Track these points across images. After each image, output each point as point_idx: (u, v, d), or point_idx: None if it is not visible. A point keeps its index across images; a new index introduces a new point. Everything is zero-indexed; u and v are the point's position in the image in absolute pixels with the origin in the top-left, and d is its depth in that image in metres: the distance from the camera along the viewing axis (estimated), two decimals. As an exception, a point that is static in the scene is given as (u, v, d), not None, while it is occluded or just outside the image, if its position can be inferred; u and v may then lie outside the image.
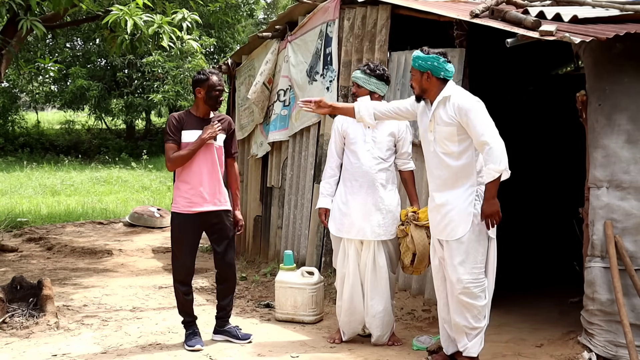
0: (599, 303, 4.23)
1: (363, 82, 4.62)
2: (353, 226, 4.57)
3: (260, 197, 7.38)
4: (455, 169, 4.00)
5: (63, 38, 21.31)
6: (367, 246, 4.57)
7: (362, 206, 4.56)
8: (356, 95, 4.68)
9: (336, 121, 4.79)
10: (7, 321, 4.86)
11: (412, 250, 4.46)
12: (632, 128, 4.21)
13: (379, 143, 4.60)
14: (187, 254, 4.56)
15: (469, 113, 3.90)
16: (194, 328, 4.62)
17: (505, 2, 5.16)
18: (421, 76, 4.06)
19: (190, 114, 4.58)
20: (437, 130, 4.02)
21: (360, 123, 4.57)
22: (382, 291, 4.57)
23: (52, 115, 28.97)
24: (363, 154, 4.59)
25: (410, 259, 4.50)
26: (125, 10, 6.01)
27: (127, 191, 14.67)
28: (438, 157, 4.05)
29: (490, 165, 3.83)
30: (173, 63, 18.27)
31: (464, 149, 3.99)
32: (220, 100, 4.57)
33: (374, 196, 4.56)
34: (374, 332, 4.63)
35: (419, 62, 4.04)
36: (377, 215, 4.55)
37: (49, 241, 8.72)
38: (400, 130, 4.67)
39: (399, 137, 4.67)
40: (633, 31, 4.00)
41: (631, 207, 4.19)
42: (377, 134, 4.61)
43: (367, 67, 4.64)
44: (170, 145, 4.50)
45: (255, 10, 21.27)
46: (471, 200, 4.00)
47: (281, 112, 6.83)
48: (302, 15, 6.61)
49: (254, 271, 6.87)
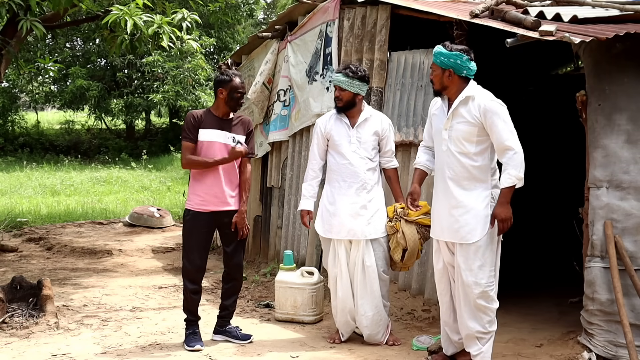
0: (599, 303, 4.23)
1: (347, 85, 4.58)
2: (343, 227, 4.58)
3: (260, 197, 7.39)
4: (471, 169, 3.92)
5: (63, 38, 21.34)
6: (357, 246, 4.58)
7: (350, 206, 4.57)
8: (340, 99, 4.62)
9: (318, 122, 4.80)
10: (7, 321, 4.86)
11: (403, 246, 4.46)
12: (632, 128, 4.21)
13: (364, 143, 4.61)
14: (198, 252, 4.54)
15: (494, 116, 3.83)
16: (194, 328, 4.61)
17: (505, 2, 5.17)
18: (442, 73, 3.94)
19: (210, 113, 4.57)
20: (454, 128, 3.93)
21: (344, 123, 4.62)
22: (371, 290, 4.57)
23: (52, 115, 28.97)
24: (350, 155, 4.60)
25: (400, 255, 4.50)
26: (125, 10, 6.01)
27: (127, 191, 14.67)
28: (452, 156, 3.96)
29: (511, 171, 3.77)
30: (173, 63, 18.28)
31: (481, 151, 3.92)
32: (241, 102, 4.60)
33: (362, 196, 4.58)
34: (363, 331, 4.65)
35: (441, 58, 3.92)
36: (366, 214, 4.56)
37: (49, 241, 8.72)
38: (384, 128, 4.68)
39: (383, 136, 4.68)
40: (633, 31, 4.00)
41: (631, 207, 4.19)
42: (361, 134, 4.62)
43: (349, 70, 4.60)
44: (187, 144, 4.50)
45: (255, 10, 21.27)
46: (487, 203, 3.93)
47: (281, 112, 6.83)
48: (302, 15, 6.61)
49: (254, 271, 6.87)
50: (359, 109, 4.66)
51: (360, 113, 4.66)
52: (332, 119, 4.72)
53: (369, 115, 4.67)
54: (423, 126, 5.38)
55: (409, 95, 5.56)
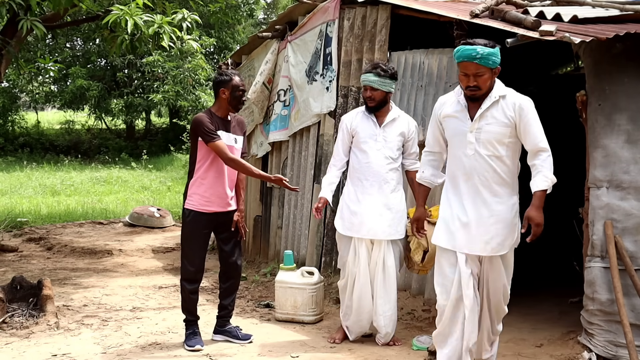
0: (599, 303, 4.23)
1: (379, 84, 4.53)
2: (363, 225, 4.56)
3: (260, 197, 7.38)
4: (502, 173, 3.66)
5: (63, 38, 21.34)
6: (378, 246, 4.57)
7: (372, 205, 4.56)
8: (373, 99, 4.56)
9: (344, 119, 4.76)
10: (7, 321, 4.86)
11: (424, 247, 4.44)
12: (632, 128, 4.21)
13: (390, 142, 4.60)
14: (197, 251, 4.55)
15: (529, 114, 3.59)
16: (194, 328, 4.61)
17: (505, 2, 5.17)
18: (491, 73, 3.60)
19: (214, 115, 4.52)
20: (485, 130, 3.61)
21: (371, 121, 4.59)
22: (390, 290, 4.59)
23: (52, 115, 28.97)
24: (374, 153, 4.58)
25: (420, 257, 4.49)
26: (125, 10, 6.01)
27: (127, 191, 14.66)
28: (482, 160, 3.64)
29: (547, 173, 3.57)
30: (173, 63, 18.28)
31: (509, 154, 3.66)
32: (243, 101, 4.58)
33: (384, 195, 4.57)
34: (382, 330, 4.63)
35: (492, 58, 3.55)
36: (388, 214, 4.55)
37: (49, 241, 8.72)
38: (410, 130, 4.67)
39: (409, 138, 4.67)
40: (633, 31, 4.00)
41: (631, 207, 4.19)
42: (387, 134, 4.61)
43: (380, 69, 4.55)
44: (220, 144, 4.37)
45: (255, 10, 21.29)
46: (516, 211, 3.72)
47: (281, 112, 6.83)
48: (302, 15, 6.61)
49: (254, 271, 6.86)
50: (387, 108, 4.65)
51: (388, 112, 4.65)
52: (358, 116, 4.68)
53: (397, 116, 4.66)
54: (423, 126, 5.38)
55: (409, 95, 5.56)
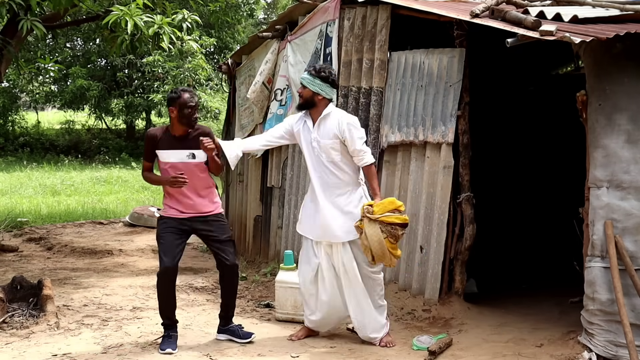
0: (599, 303, 4.23)
1: (307, 82, 4.54)
2: (318, 228, 4.60)
3: (260, 197, 7.38)
4: None
5: (63, 38, 21.35)
6: (335, 248, 4.58)
7: (322, 209, 4.55)
8: (301, 96, 4.61)
9: (289, 118, 4.88)
10: (7, 321, 4.86)
11: (367, 246, 4.35)
12: (632, 128, 4.21)
13: (324, 147, 4.55)
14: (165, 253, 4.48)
15: None
16: (170, 331, 4.58)
17: (505, 2, 5.17)
18: None
19: (167, 132, 4.56)
20: None
21: (307, 127, 4.62)
22: (355, 292, 4.58)
23: (52, 115, 28.99)
24: (312, 158, 4.60)
25: (370, 256, 4.39)
26: (125, 11, 6.01)
27: (127, 191, 14.67)
28: None
29: None
30: (173, 63, 18.29)
31: None
32: (195, 118, 4.52)
33: (332, 199, 4.56)
34: (358, 332, 4.68)
35: None
36: (339, 217, 4.53)
37: (49, 241, 8.72)
38: (342, 129, 4.51)
39: (343, 137, 4.53)
40: (633, 31, 4.00)
41: (631, 207, 4.19)
42: (319, 138, 4.57)
43: (313, 69, 4.58)
44: (144, 163, 4.71)
45: (255, 10, 21.30)
46: None
47: (277, 112, 6.81)
48: (302, 15, 6.61)
49: (254, 271, 6.87)
50: (319, 111, 4.58)
51: (319, 116, 4.59)
52: (300, 121, 4.70)
53: (326, 114, 4.57)
54: (423, 126, 5.39)
55: (409, 95, 5.56)
